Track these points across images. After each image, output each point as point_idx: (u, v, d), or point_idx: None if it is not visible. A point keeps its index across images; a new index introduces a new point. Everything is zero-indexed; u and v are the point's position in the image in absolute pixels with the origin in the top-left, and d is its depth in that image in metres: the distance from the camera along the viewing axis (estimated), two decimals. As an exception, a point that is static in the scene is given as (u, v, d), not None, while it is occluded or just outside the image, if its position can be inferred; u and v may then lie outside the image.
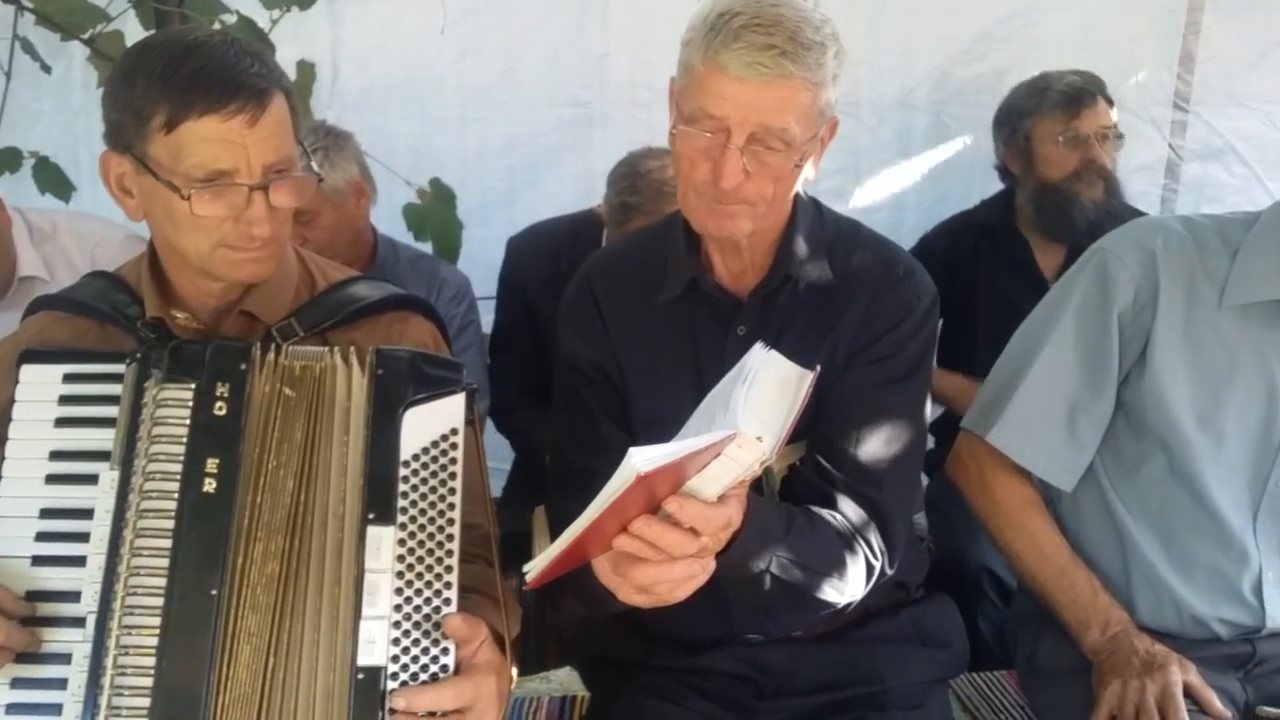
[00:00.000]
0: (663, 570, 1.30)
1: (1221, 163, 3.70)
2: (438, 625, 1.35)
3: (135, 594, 1.33)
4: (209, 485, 1.36)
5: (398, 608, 1.35)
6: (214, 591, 1.33)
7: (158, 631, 1.31)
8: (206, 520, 1.35)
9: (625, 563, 1.31)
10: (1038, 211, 2.98)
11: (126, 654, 1.31)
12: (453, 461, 1.41)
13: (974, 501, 2.00)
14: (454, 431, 1.42)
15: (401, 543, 1.36)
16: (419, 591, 1.36)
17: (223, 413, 1.39)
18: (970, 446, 1.99)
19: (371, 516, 1.37)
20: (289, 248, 1.62)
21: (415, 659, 1.34)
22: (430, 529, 1.38)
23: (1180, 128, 3.65)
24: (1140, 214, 3.11)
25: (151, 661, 1.30)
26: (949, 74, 3.55)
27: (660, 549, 1.28)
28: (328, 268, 1.69)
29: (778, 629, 1.79)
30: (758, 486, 1.65)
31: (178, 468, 1.37)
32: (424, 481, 1.39)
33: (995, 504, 1.96)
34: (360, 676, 1.32)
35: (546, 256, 2.88)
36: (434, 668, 1.35)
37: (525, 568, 1.27)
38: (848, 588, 1.64)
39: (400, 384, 1.43)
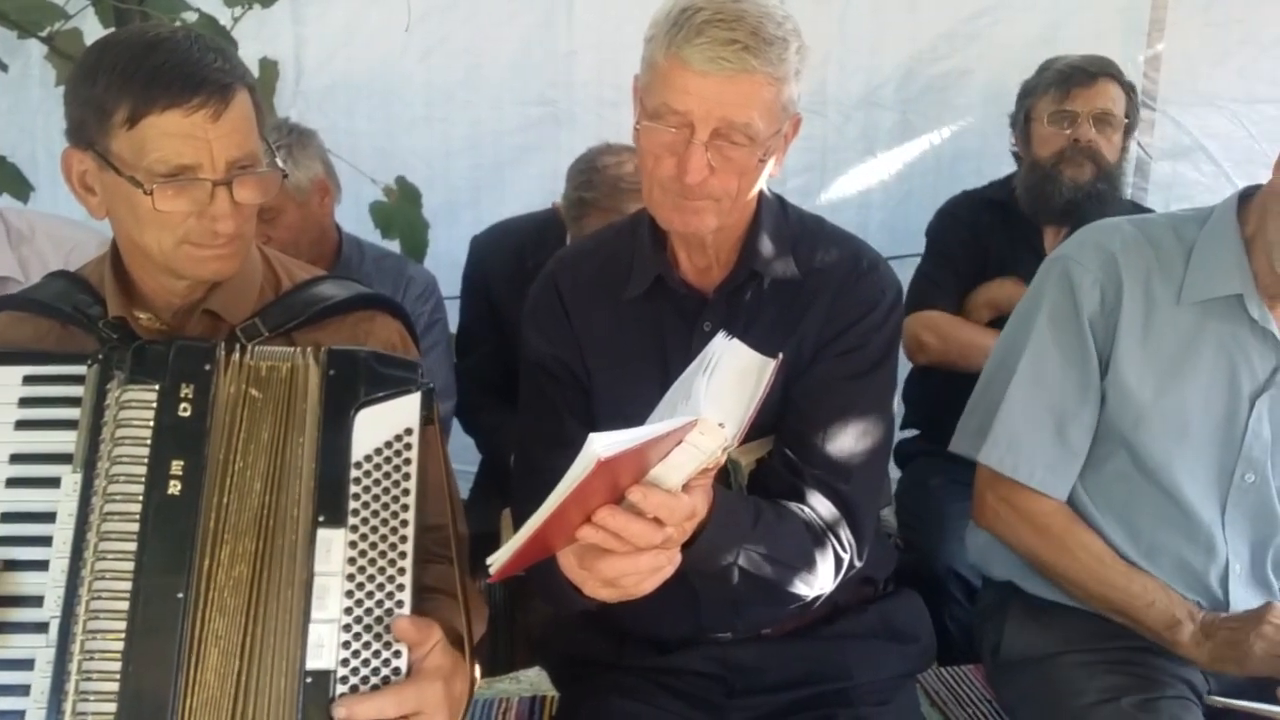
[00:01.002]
0: (628, 562, 1.30)
1: (1190, 161, 3.73)
2: (390, 628, 1.34)
3: (100, 598, 1.31)
4: (174, 487, 1.34)
5: (348, 610, 1.33)
6: (180, 595, 1.31)
7: (123, 636, 1.30)
8: (171, 522, 1.33)
9: (590, 556, 1.31)
10: (1025, 190, 2.97)
11: (91, 659, 1.29)
12: (407, 462, 1.39)
13: (1018, 541, 1.94)
14: (409, 432, 1.40)
15: (353, 545, 1.35)
16: (370, 594, 1.34)
17: (187, 414, 1.37)
18: (990, 485, 1.95)
19: (321, 519, 1.35)
20: (253, 247, 1.60)
21: (366, 662, 1.33)
22: (383, 530, 1.36)
23: (1148, 126, 3.67)
24: (1140, 208, 3.13)
25: (117, 666, 1.29)
26: (914, 73, 3.57)
27: (625, 539, 1.28)
28: (293, 267, 1.67)
29: (747, 624, 1.79)
30: (726, 481, 1.65)
31: (142, 470, 1.35)
32: (377, 483, 1.38)
33: (1039, 533, 1.91)
34: (309, 680, 1.31)
35: (510, 254, 2.88)
36: (385, 670, 1.33)
37: (489, 560, 1.26)
38: (817, 580, 1.64)
39: (353, 384, 1.41)
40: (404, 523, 1.37)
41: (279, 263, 1.66)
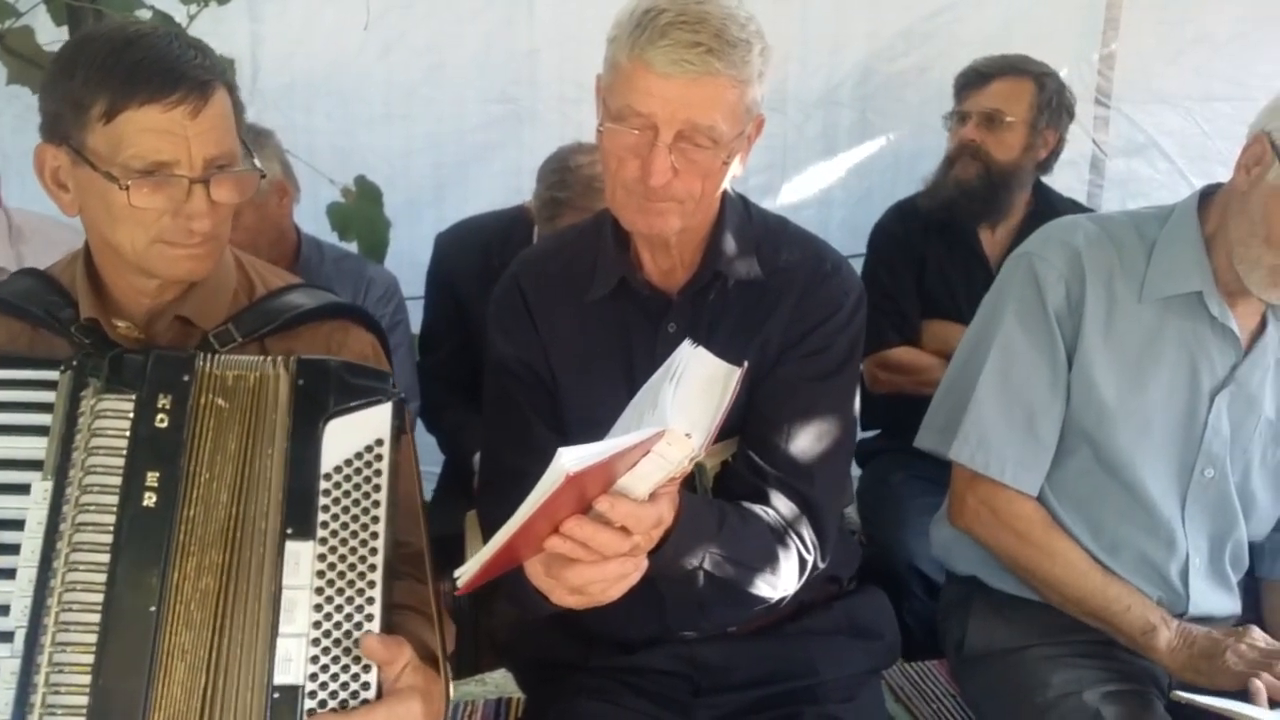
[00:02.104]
0: (595, 570, 1.30)
1: (1145, 158, 3.79)
2: (359, 644, 1.32)
3: (70, 609, 1.29)
4: (149, 499, 1.33)
5: (317, 624, 1.32)
6: (153, 608, 1.29)
7: (94, 648, 1.28)
8: (146, 535, 1.32)
9: (558, 564, 1.31)
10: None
11: (60, 671, 1.27)
12: (377, 474, 1.38)
13: (996, 544, 1.94)
14: (379, 443, 1.39)
15: (321, 558, 1.33)
16: (339, 608, 1.33)
17: (164, 425, 1.36)
18: (969, 487, 1.96)
19: (289, 531, 1.34)
20: (228, 252, 1.58)
21: (335, 677, 1.31)
22: (353, 543, 1.35)
23: (1103, 123, 3.73)
24: (1080, 207, 3.16)
25: (86, 680, 1.27)
26: (873, 71, 3.59)
27: (592, 549, 1.28)
28: (267, 273, 1.65)
29: (712, 625, 1.79)
30: (691, 484, 1.65)
31: (117, 480, 1.33)
32: (346, 495, 1.36)
33: (1019, 537, 1.91)
34: (276, 695, 1.29)
35: (476, 253, 2.86)
36: (354, 686, 1.32)
37: (456, 573, 1.26)
38: (781, 582, 1.64)
39: (322, 394, 1.39)
40: (374, 535, 1.35)
41: (253, 269, 1.64)
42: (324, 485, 1.36)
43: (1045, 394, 1.90)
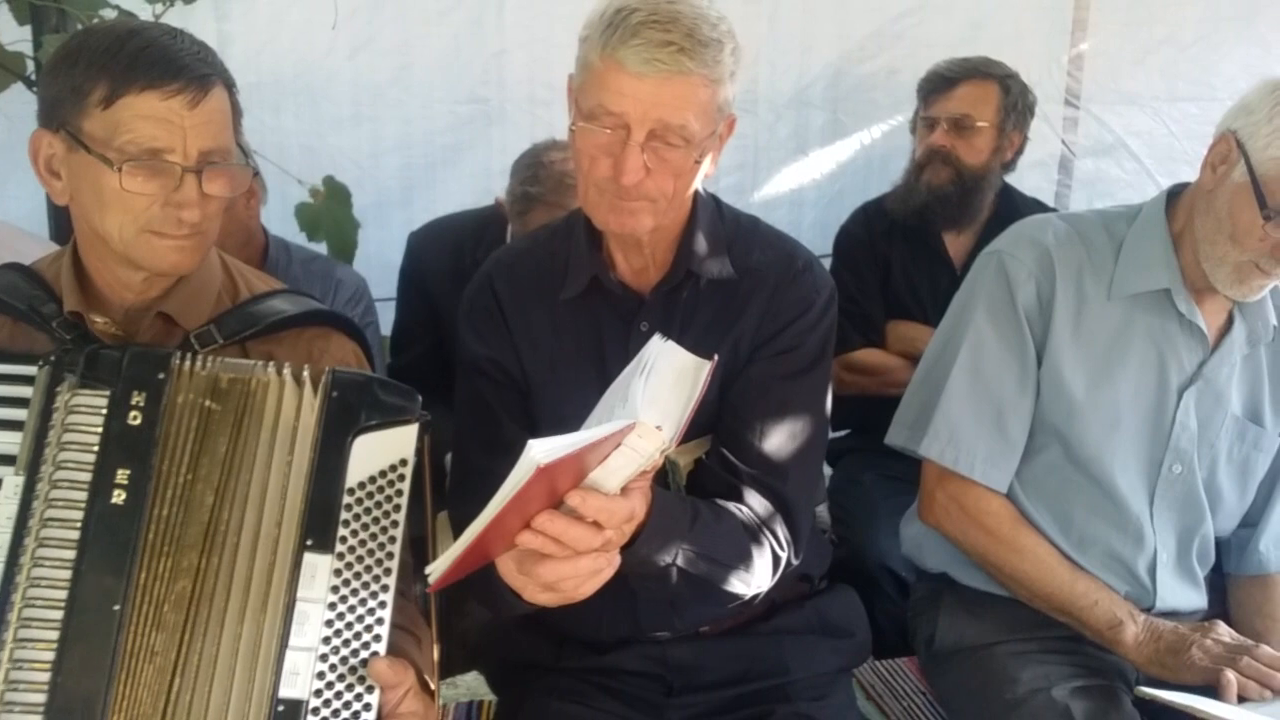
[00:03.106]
0: (568, 566, 1.29)
1: (1113, 158, 3.83)
2: (365, 663, 1.32)
3: (33, 605, 1.28)
4: (118, 496, 1.32)
5: (326, 640, 1.32)
6: (117, 606, 1.29)
7: (55, 645, 1.27)
8: (113, 532, 1.31)
9: (530, 561, 1.30)
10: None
11: (20, 668, 1.26)
12: (399, 493, 1.38)
13: (964, 540, 1.95)
14: (403, 462, 1.39)
15: (337, 573, 1.33)
16: (349, 625, 1.33)
17: (137, 422, 1.35)
18: (939, 483, 1.97)
19: (309, 543, 1.33)
20: (214, 254, 1.58)
21: (339, 695, 1.31)
22: (369, 561, 1.35)
23: (1072, 124, 3.77)
24: (1044, 206, 3.18)
25: (46, 676, 1.26)
26: (843, 72, 3.60)
27: (564, 544, 1.27)
28: (252, 278, 1.65)
29: (685, 623, 1.80)
30: (664, 482, 1.65)
31: (87, 476, 1.32)
32: (367, 512, 1.36)
33: (988, 534, 1.92)
34: (280, 708, 1.29)
35: (449, 251, 2.85)
36: (357, 706, 1.32)
37: (427, 570, 1.25)
38: (754, 579, 1.65)
39: (354, 409, 1.39)
40: (390, 555, 1.36)
41: (238, 272, 1.64)
42: (346, 500, 1.36)
43: (1014, 391, 1.91)
